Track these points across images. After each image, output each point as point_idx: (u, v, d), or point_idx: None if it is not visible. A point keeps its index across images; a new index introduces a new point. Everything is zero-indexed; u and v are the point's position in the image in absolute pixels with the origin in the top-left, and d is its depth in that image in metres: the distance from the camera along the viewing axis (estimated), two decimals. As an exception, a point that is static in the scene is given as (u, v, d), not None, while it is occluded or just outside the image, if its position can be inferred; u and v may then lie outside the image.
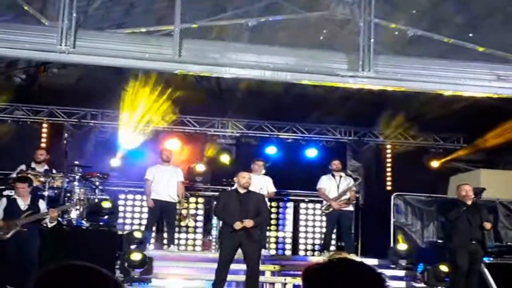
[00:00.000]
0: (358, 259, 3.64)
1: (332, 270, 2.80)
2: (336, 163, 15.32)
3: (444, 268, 13.66)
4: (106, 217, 15.00)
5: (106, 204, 14.83)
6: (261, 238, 13.17)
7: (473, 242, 12.67)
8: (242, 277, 12.44)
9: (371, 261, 14.03)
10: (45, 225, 12.40)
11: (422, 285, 14.19)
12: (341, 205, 14.87)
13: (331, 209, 14.92)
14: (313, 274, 2.83)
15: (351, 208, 15.39)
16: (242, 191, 12.10)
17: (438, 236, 15.76)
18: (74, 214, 14.11)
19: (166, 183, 14.79)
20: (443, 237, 14.32)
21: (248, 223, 11.74)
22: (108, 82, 15.73)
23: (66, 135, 15.91)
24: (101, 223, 14.78)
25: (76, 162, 14.75)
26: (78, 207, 14.10)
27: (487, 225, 12.90)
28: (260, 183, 14.69)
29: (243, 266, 12.12)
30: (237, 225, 11.71)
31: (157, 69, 11.66)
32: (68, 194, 14.24)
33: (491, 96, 12.50)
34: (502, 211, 15.95)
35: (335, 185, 15.05)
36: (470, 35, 11.73)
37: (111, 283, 2.62)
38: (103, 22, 11.79)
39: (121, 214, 17.29)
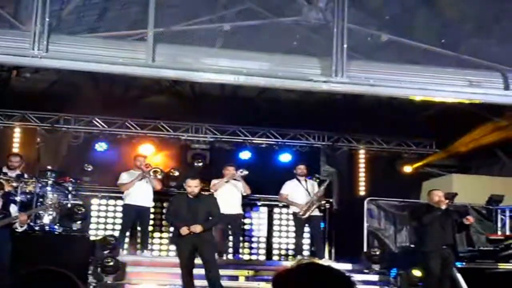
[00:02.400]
0: (328, 263, 3.65)
1: (300, 275, 2.82)
2: (301, 168, 15.38)
3: (417, 272, 13.72)
4: (79, 222, 14.93)
5: (79, 209, 14.77)
6: (215, 241, 13.16)
7: (445, 247, 12.76)
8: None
9: (344, 266, 14.10)
10: (16, 229, 12.32)
11: (395, 289, 14.26)
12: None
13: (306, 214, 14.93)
14: (282, 280, 2.85)
15: (318, 213, 15.41)
16: (191, 196, 12.11)
17: (411, 241, 15.83)
18: (46, 219, 14.04)
19: (140, 188, 14.77)
20: (416, 242, 14.38)
21: (195, 228, 11.77)
22: (81, 86, 15.66)
23: (38, 139, 15.81)
24: (74, 228, 14.71)
25: (49, 167, 14.67)
26: (50, 211, 14.01)
27: (469, 220, 13.00)
28: (233, 188, 14.75)
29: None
30: (183, 231, 11.78)
31: (131, 74, 11.58)
32: (41, 199, 14.16)
33: (463, 101, 12.59)
34: (474, 216, 16.03)
35: (303, 190, 15.07)
36: (443, 41, 11.81)
37: None
38: (76, 26, 11.74)
39: (94, 220, 17.23)
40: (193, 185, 12.14)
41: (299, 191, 15.12)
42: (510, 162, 18.87)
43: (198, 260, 12.15)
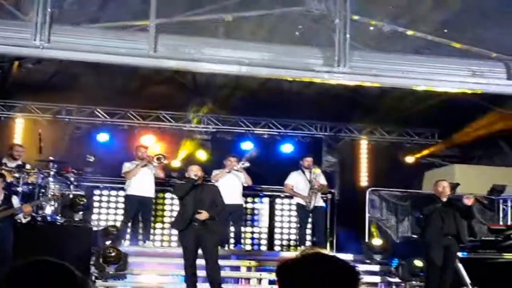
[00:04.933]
0: (331, 253, 3.65)
1: (305, 264, 2.81)
2: (308, 160, 15.30)
3: (418, 263, 13.76)
4: (80, 213, 14.95)
5: (81, 200, 14.77)
6: (220, 231, 13.15)
7: (449, 237, 12.74)
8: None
9: (346, 256, 14.08)
10: (19, 220, 12.33)
11: (397, 279, 14.28)
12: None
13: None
14: (287, 269, 2.84)
15: (322, 203, 15.43)
16: (195, 181, 12.11)
17: (413, 231, 15.85)
18: (48, 209, 14.03)
19: (142, 179, 14.78)
20: (418, 232, 14.39)
21: (201, 215, 11.79)
22: (83, 77, 15.63)
23: (40, 130, 15.79)
24: (76, 219, 14.72)
25: (51, 158, 14.65)
26: (52, 202, 14.01)
27: (470, 199, 12.92)
28: (234, 179, 14.76)
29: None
30: (201, 216, 11.79)
31: (133, 64, 11.58)
32: (43, 190, 14.14)
33: (465, 91, 12.57)
34: (476, 206, 16.05)
35: (305, 180, 15.05)
36: (445, 31, 11.78)
37: (78, 280, 2.60)
38: (78, 17, 11.66)
39: (96, 210, 17.25)
40: (194, 169, 12.21)
41: (304, 182, 15.10)
42: (512, 152, 18.88)
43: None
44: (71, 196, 14.87)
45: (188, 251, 12.03)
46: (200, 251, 12.05)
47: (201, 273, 12.24)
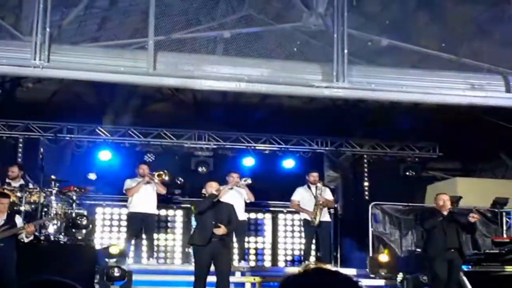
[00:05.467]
0: (335, 268, 3.65)
1: (308, 279, 2.82)
2: (314, 175, 15.21)
3: (423, 277, 13.71)
4: (83, 231, 14.94)
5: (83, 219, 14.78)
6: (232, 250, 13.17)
7: (452, 250, 12.72)
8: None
9: (350, 271, 14.07)
10: (22, 240, 12.33)
11: (402, 294, 14.24)
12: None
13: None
14: (290, 284, 2.85)
15: (328, 219, 15.40)
16: (213, 198, 12.13)
17: (417, 245, 15.80)
18: (51, 228, 14.01)
19: (144, 196, 14.78)
20: (422, 246, 14.36)
21: (218, 230, 11.82)
22: (83, 96, 15.70)
23: (42, 149, 15.82)
24: (79, 237, 14.71)
25: (53, 177, 14.66)
26: (54, 221, 14.01)
27: (474, 217, 12.95)
28: (236, 195, 14.74)
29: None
30: (218, 231, 11.79)
31: (132, 82, 11.64)
32: (45, 209, 14.13)
33: (465, 105, 12.59)
34: (480, 219, 16.03)
35: (311, 195, 15.01)
36: (443, 44, 11.81)
37: None
38: (77, 36, 11.79)
39: (99, 228, 17.24)
40: (214, 185, 12.16)
41: (309, 198, 15.05)
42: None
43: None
44: (73, 214, 14.86)
45: (201, 266, 11.98)
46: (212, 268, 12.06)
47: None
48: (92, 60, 10.84)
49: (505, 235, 16.27)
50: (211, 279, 12.10)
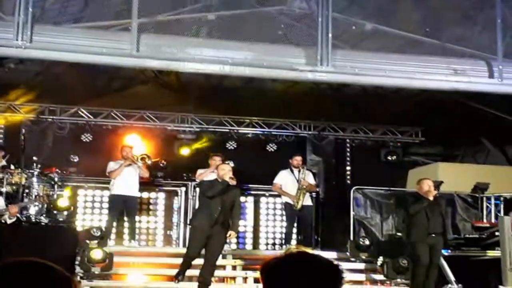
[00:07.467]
0: (316, 252, 3.67)
1: (289, 263, 2.83)
2: (297, 159, 15.24)
3: (403, 261, 13.78)
4: (65, 213, 14.90)
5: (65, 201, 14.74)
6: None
7: (433, 235, 12.78)
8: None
9: (331, 255, 14.11)
10: (3, 221, 12.28)
11: (382, 277, 14.31)
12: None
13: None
14: (271, 268, 2.86)
15: (310, 202, 15.43)
16: (220, 180, 12.07)
17: (397, 229, 15.87)
18: (33, 210, 13.97)
19: (127, 178, 14.75)
20: (403, 231, 14.41)
21: (232, 236, 12.18)
22: (66, 77, 15.59)
23: (23, 130, 15.72)
24: (60, 219, 14.68)
25: (35, 158, 14.59)
26: (37, 203, 13.97)
27: None
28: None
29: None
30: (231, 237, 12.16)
31: (115, 64, 11.56)
32: (27, 190, 14.10)
33: (448, 90, 12.62)
34: (460, 204, 16.12)
35: (294, 179, 15.03)
36: (427, 29, 11.83)
37: (63, 279, 2.59)
38: (60, 16, 11.69)
39: (80, 210, 17.20)
40: (226, 169, 12.15)
41: (292, 182, 15.06)
42: (495, 150, 18.96)
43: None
44: (55, 196, 14.82)
45: (196, 248, 11.98)
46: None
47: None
48: (75, 41, 10.78)
49: (485, 220, 16.35)
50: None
